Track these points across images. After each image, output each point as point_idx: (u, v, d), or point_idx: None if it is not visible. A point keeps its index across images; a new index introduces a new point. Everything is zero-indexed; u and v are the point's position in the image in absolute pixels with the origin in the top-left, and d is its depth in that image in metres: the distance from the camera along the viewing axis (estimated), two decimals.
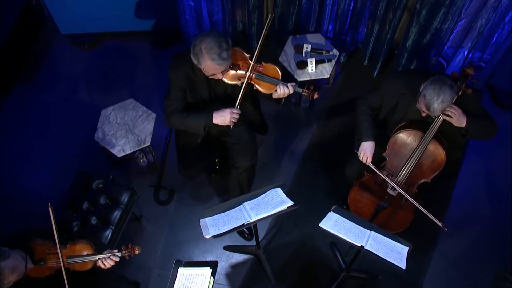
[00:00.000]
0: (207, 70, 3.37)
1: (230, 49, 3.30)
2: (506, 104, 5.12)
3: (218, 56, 3.24)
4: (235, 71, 3.46)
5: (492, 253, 4.32)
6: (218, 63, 3.27)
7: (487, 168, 4.79)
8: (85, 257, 3.13)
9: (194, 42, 3.29)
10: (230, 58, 3.32)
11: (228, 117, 3.47)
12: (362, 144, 3.73)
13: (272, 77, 3.51)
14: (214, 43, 3.22)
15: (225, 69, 3.37)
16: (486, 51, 4.98)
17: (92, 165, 4.63)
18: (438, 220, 3.60)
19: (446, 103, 3.26)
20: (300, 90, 3.53)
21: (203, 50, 3.24)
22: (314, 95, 3.54)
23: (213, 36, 3.24)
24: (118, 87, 5.15)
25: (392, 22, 4.65)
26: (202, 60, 3.29)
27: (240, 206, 3.32)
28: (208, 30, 3.33)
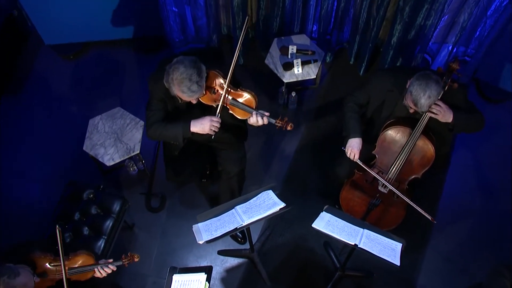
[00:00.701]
0: (180, 97, 3.37)
1: (202, 79, 3.27)
2: (492, 97, 5.17)
3: (188, 89, 3.23)
4: (211, 94, 3.44)
5: (485, 246, 4.35)
6: (188, 95, 3.28)
7: (476, 161, 4.82)
8: (86, 268, 3.18)
9: (168, 70, 3.27)
10: (201, 88, 3.30)
11: (208, 125, 3.42)
12: (349, 141, 3.74)
13: (247, 105, 3.47)
14: (185, 76, 3.19)
15: (198, 97, 3.37)
16: (470, 46, 5.02)
17: (82, 175, 4.60)
18: (427, 214, 3.62)
19: (433, 98, 3.28)
20: (273, 121, 3.48)
21: (174, 80, 3.23)
22: (288, 127, 3.50)
23: (185, 67, 3.20)
24: (105, 96, 5.13)
25: (376, 20, 4.67)
26: (173, 89, 3.29)
27: (232, 210, 3.32)
28: (184, 57, 3.26)
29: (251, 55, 5.36)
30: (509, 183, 4.68)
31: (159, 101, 3.54)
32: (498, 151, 4.87)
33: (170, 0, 4.75)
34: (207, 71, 3.35)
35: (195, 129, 3.46)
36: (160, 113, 3.56)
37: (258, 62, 5.17)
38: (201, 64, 3.27)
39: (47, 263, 3.12)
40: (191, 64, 3.21)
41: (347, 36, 5.25)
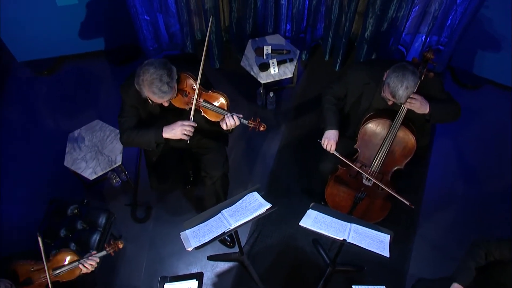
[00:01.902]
0: (151, 99, 3.34)
1: (173, 80, 3.24)
2: (468, 84, 5.23)
3: (159, 89, 3.19)
4: (183, 97, 3.42)
5: (471, 231, 4.40)
6: (159, 96, 3.23)
7: (457, 148, 4.87)
8: (69, 265, 3.16)
9: (138, 72, 3.24)
10: (172, 90, 3.27)
11: (179, 130, 3.38)
12: (325, 133, 3.76)
13: (219, 107, 3.46)
14: (156, 76, 3.16)
15: (169, 99, 3.34)
16: (443, 34, 5.07)
17: (65, 191, 4.56)
18: (406, 200, 3.67)
19: (410, 89, 3.31)
20: (246, 122, 3.47)
21: (144, 81, 3.20)
22: (261, 127, 3.49)
23: (155, 68, 3.17)
24: (82, 110, 5.08)
25: (348, 15, 4.70)
26: (144, 90, 3.25)
27: (219, 214, 3.31)
28: (154, 59, 3.25)
29: (226, 59, 5.35)
30: (490, 167, 4.75)
31: (131, 107, 3.52)
32: (477, 137, 4.93)
33: (142, 9, 4.73)
34: (179, 74, 3.33)
35: (166, 134, 3.43)
36: (132, 119, 3.54)
37: (234, 65, 5.17)
38: (171, 66, 3.25)
39: (30, 268, 3.09)
40: (161, 65, 3.19)
41: (321, 32, 5.27)
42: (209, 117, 3.49)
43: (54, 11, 4.82)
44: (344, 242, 3.17)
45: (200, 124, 3.74)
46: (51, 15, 4.85)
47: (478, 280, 3.29)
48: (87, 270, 3.20)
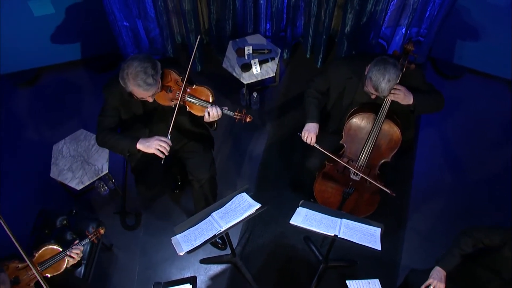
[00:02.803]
0: (135, 95, 3.32)
1: (158, 74, 3.24)
2: (449, 74, 5.27)
3: (144, 82, 3.18)
4: (167, 93, 3.41)
5: (460, 219, 4.44)
6: (144, 89, 3.22)
7: (442, 138, 4.91)
8: (55, 258, 3.21)
9: (122, 66, 3.23)
10: (157, 83, 3.26)
11: (153, 144, 3.36)
12: (305, 125, 3.78)
13: (204, 99, 3.45)
14: (140, 69, 3.15)
15: (154, 93, 3.32)
16: (423, 26, 5.10)
17: (53, 202, 4.52)
18: (387, 188, 3.72)
19: (392, 82, 3.33)
20: (232, 114, 3.48)
21: (129, 75, 3.18)
22: (247, 119, 3.51)
23: (139, 61, 3.18)
24: (66, 120, 5.04)
25: (327, 11, 4.70)
26: (128, 84, 3.23)
27: (209, 217, 3.30)
28: (137, 54, 3.25)
29: (208, 61, 5.34)
30: (475, 155, 4.79)
31: (112, 108, 3.51)
32: (461, 126, 4.98)
33: (121, 16, 4.71)
34: (162, 70, 3.33)
35: (140, 146, 3.41)
36: (111, 119, 3.53)
37: (216, 67, 5.16)
38: (155, 60, 3.26)
39: (15, 266, 3.12)
40: (145, 59, 3.20)
41: (301, 30, 5.28)
42: (194, 112, 3.49)
43: (32, 22, 4.78)
44: (335, 237, 3.17)
45: (185, 126, 3.74)
46: (28, 26, 4.81)
47: (471, 268, 3.34)
48: (73, 260, 3.24)
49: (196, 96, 3.45)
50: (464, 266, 3.27)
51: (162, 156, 3.39)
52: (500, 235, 3.14)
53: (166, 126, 3.50)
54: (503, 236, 3.13)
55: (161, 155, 3.38)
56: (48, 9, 4.73)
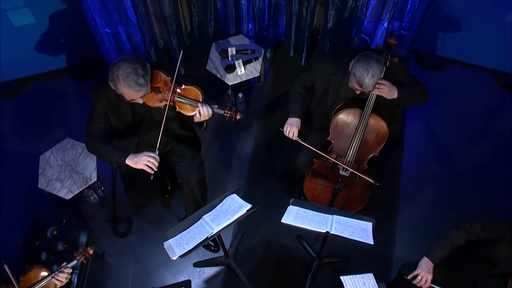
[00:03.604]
0: (126, 96, 3.30)
1: (148, 74, 3.24)
2: (433, 65, 5.31)
3: (135, 82, 3.17)
4: (156, 94, 3.40)
5: (451, 209, 4.47)
6: (135, 90, 3.21)
7: (428, 130, 4.94)
8: (41, 282, 3.14)
9: (112, 69, 3.21)
10: (148, 84, 3.26)
11: (142, 160, 3.36)
12: (287, 120, 3.80)
13: (194, 99, 3.45)
14: (131, 70, 3.15)
15: (144, 94, 3.30)
16: (404, 19, 5.12)
17: (42, 213, 4.49)
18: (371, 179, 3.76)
19: (376, 77, 3.34)
20: (222, 112, 3.48)
21: (119, 77, 3.17)
22: (237, 116, 3.50)
23: (129, 62, 3.17)
24: (51, 130, 5.01)
25: (308, 9, 4.71)
26: (119, 86, 3.21)
27: (200, 220, 3.30)
28: (125, 56, 3.24)
29: (191, 64, 5.33)
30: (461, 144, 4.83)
31: (101, 113, 3.50)
32: (447, 116, 5.01)
33: (102, 22, 4.68)
34: (151, 71, 3.32)
35: (129, 161, 3.40)
36: (100, 125, 3.52)
37: (200, 70, 5.15)
38: (144, 61, 3.25)
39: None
40: (135, 60, 3.19)
41: (283, 29, 5.29)
42: (184, 112, 3.48)
43: (12, 32, 4.75)
44: (328, 234, 3.18)
45: (174, 130, 3.73)
46: (9, 36, 4.78)
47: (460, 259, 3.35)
48: (61, 283, 3.17)
49: (186, 96, 3.44)
50: (454, 257, 3.29)
51: (151, 171, 3.38)
52: (496, 230, 3.12)
53: (156, 134, 3.49)
54: (499, 231, 3.12)
55: (150, 170, 3.38)
56: (28, 19, 4.70)
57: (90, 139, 3.53)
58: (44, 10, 4.71)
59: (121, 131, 3.65)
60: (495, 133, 4.90)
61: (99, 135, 3.51)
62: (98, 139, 3.49)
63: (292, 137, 3.75)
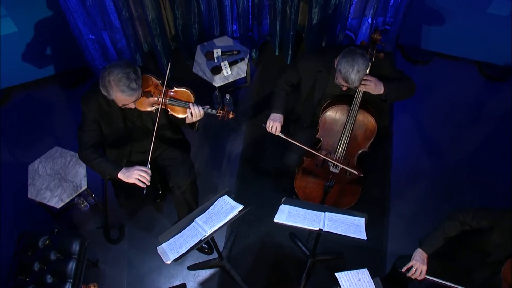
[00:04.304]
0: (118, 101, 3.29)
1: (139, 79, 3.23)
2: (418, 59, 5.34)
3: (127, 87, 3.16)
4: (148, 98, 3.38)
5: (442, 201, 4.50)
6: (128, 94, 3.20)
7: (417, 123, 4.96)
8: None
9: (102, 74, 3.20)
10: (140, 88, 3.25)
11: (133, 175, 3.38)
12: (270, 115, 3.81)
13: (185, 101, 3.44)
14: (122, 74, 3.14)
15: (136, 98, 3.29)
16: (388, 14, 5.15)
17: (33, 223, 4.46)
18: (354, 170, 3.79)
19: (362, 72, 3.35)
20: (214, 112, 3.48)
21: (111, 82, 3.16)
22: (229, 115, 3.50)
23: (120, 67, 3.16)
24: (39, 139, 4.97)
25: (292, 8, 4.71)
26: (111, 92, 3.20)
27: (193, 223, 3.29)
28: (116, 61, 3.23)
29: (177, 67, 5.31)
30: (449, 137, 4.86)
31: (92, 121, 3.48)
32: (435, 109, 5.04)
33: (86, 29, 4.65)
34: (141, 75, 3.31)
35: (121, 176, 3.43)
36: (92, 133, 3.51)
37: (186, 73, 5.12)
38: (135, 65, 3.25)
39: None
40: (125, 65, 3.18)
41: (268, 28, 5.29)
42: (176, 114, 3.47)
43: None
44: (321, 231, 3.18)
45: (164, 136, 3.72)
46: None
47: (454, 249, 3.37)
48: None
49: (177, 98, 3.44)
50: (447, 248, 3.30)
51: (143, 185, 3.40)
52: (488, 218, 3.15)
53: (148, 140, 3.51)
54: (491, 219, 3.14)
55: (142, 185, 3.39)
56: (10, 28, 4.66)
57: (82, 149, 3.52)
58: (27, 19, 4.68)
59: (113, 138, 3.64)
60: (483, 124, 4.94)
61: (91, 144, 3.50)
62: (90, 150, 3.49)
63: (275, 133, 3.76)
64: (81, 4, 4.46)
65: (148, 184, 3.40)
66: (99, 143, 3.60)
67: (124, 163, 3.81)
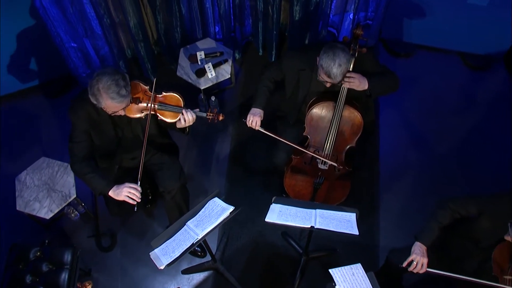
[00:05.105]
0: (108, 109, 3.27)
1: (128, 85, 3.21)
2: (401, 52, 5.37)
3: (117, 94, 3.14)
4: (137, 104, 3.37)
5: (430, 192, 4.53)
6: (118, 101, 3.18)
7: (403, 116, 4.98)
8: None
9: (91, 83, 3.17)
10: (129, 94, 3.24)
11: (123, 192, 3.37)
12: (250, 110, 3.83)
13: (175, 105, 3.44)
14: (111, 82, 3.11)
15: (126, 105, 3.28)
16: (369, 9, 5.17)
17: (24, 235, 4.42)
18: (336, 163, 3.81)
19: (343, 66, 3.37)
20: (204, 115, 3.49)
21: (101, 90, 3.13)
22: (219, 117, 3.51)
23: (109, 74, 3.13)
24: (25, 150, 4.93)
25: (274, 7, 4.71)
26: (101, 100, 3.18)
27: (184, 227, 3.28)
28: (103, 68, 3.21)
29: (161, 72, 5.30)
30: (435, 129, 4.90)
31: (82, 132, 3.45)
32: (420, 102, 5.07)
33: (67, 37, 4.62)
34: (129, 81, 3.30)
35: (112, 193, 3.42)
36: (83, 144, 3.48)
37: (170, 77, 5.11)
38: (123, 72, 3.23)
39: None
40: (113, 72, 3.16)
41: (250, 29, 5.29)
42: (167, 119, 3.45)
43: None
44: (312, 229, 3.19)
45: (153, 140, 3.70)
46: None
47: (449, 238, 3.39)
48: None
49: (167, 103, 3.43)
50: (443, 238, 3.32)
51: (133, 202, 3.38)
52: (475, 205, 3.18)
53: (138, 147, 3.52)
54: (478, 205, 3.17)
55: (132, 202, 3.38)
56: None
57: (74, 161, 3.49)
58: (8, 30, 4.64)
59: (104, 146, 3.62)
60: (468, 115, 4.98)
61: (83, 155, 3.48)
62: (83, 163, 3.47)
63: (255, 127, 3.77)
64: (61, 13, 4.42)
65: (138, 201, 3.38)
66: (91, 153, 3.57)
67: (116, 169, 3.81)
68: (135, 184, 3.39)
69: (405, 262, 3.22)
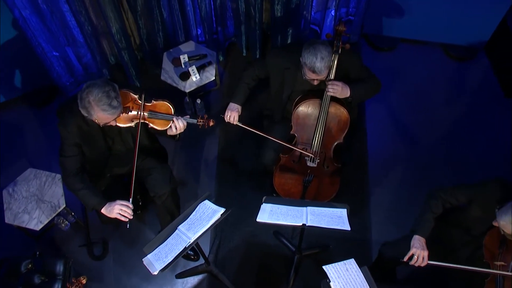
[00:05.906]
0: (100, 121, 3.25)
1: (119, 96, 3.18)
2: (383, 46, 5.40)
3: (109, 105, 3.11)
4: (127, 114, 3.35)
5: (419, 185, 4.55)
6: (110, 113, 3.16)
7: (388, 110, 5.01)
8: None
9: (81, 95, 3.14)
10: (120, 105, 3.21)
11: (115, 209, 3.36)
12: (228, 105, 3.86)
13: (165, 113, 3.43)
14: (102, 94, 3.08)
15: (118, 116, 3.26)
16: (350, 5, 5.20)
17: (15, 248, 4.38)
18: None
19: (326, 59, 3.39)
20: (195, 121, 3.49)
21: (92, 102, 3.11)
22: (210, 123, 3.52)
23: (99, 86, 3.10)
24: (11, 162, 4.88)
25: (256, 7, 4.71)
26: (92, 112, 3.15)
27: (176, 231, 3.27)
28: (93, 80, 3.18)
29: (145, 77, 5.28)
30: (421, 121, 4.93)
31: (72, 146, 3.42)
32: (404, 95, 5.10)
33: (49, 46, 4.60)
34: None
35: (104, 211, 3.42)
36: (74, 159, 3.45)
37: (155, 81, 5.09)
38: (113, 82, 3.21)
39: None
40: (104, 83, 3.13)
41: (233, 30, 5.28)
42: (158, 127, 3.45)
43: None
44: (304, 226, 3.20)
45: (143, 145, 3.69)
46: None
47: (443, 228, 3.41)
48: None
49: (157, 111, 3.42)
50: (436, 228, 3.33)
51: (125, 219, 3.38)
52: (465, 194, 3.21)
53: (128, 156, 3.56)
54: (467, 194, 3.21)
55: (124, 219, 3.38)
56: None
57: (66, 175, 3.48)
58: None
59: (94, 157, 3.60)
60: (453, 105, 5.01)
61: (75, 170, 3.46)
62: (76, 177, 3.46)
63: (232, 122, 3.81)
64: (41, 22, 4.40)
65: (130, 218, 3.38)
66: (83, 167, 3.55)
67: (107, 177, 3.81)
68: (127, 202, 3.39)
69: (406, 257, 3.20)
